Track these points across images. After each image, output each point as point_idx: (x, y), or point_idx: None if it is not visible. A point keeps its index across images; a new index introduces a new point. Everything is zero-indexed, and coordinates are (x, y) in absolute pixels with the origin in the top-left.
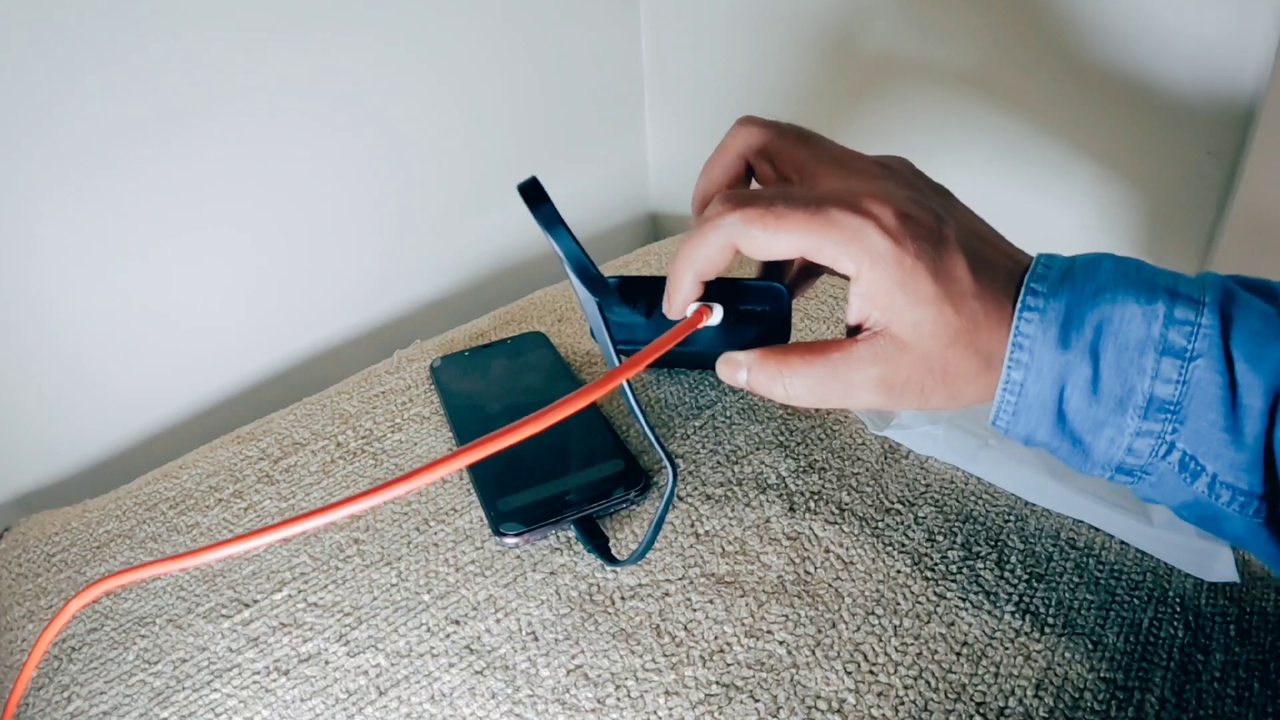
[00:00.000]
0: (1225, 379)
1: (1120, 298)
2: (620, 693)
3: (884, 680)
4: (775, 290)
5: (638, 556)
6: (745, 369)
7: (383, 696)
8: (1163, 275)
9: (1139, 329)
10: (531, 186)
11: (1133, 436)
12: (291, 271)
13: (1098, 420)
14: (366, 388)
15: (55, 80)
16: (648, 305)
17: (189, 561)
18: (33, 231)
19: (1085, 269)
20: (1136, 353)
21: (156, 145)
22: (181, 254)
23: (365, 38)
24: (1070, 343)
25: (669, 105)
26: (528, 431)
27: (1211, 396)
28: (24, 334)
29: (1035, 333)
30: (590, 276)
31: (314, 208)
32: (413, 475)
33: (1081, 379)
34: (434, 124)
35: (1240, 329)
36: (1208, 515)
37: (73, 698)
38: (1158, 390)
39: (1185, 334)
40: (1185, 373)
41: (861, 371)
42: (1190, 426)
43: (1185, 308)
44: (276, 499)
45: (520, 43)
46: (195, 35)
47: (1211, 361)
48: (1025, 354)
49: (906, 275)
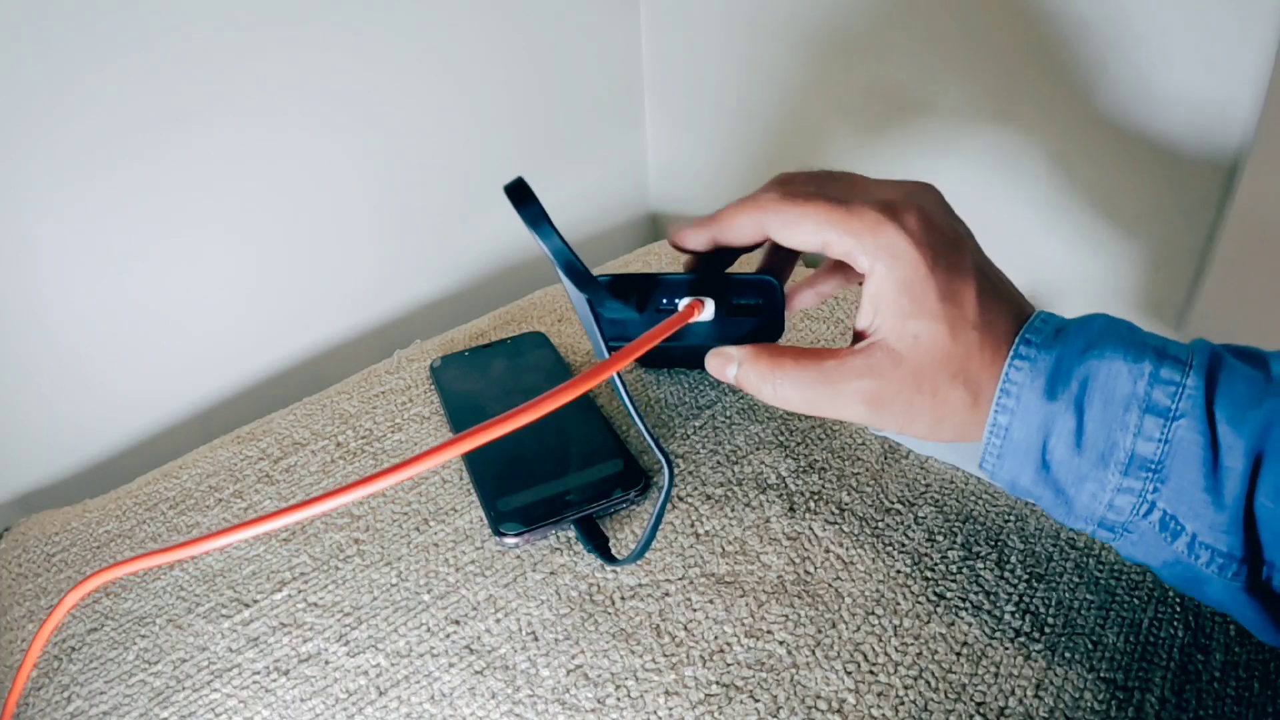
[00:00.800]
0: (1207, 439)
1: (1109, 354)
2: (620, 693)
3: (884, 680)
4: (768, 283)
5: (636, 556)
6: (736, 364)
7: (383, 696)
8: (1153, 337)
9: (1125, 385)
10: (517, 186)
11: (1114, 492)
12: (291, 271)
13: (1080, 473)
14: (366, 388)
15: (55, 80)
16: (639, 302)
17: (189, 550)
18: (33, 231)
19: (1078, 326)
20: (1121, 409)
21: (156, 145)
22: (181, 254)
23: (365, 38)
24: (1056, 395)
25: (669, 105)
26: (521, 420)
27: (1193, 456)
28: (24, 334)
29: (1024, 380)
30: (578, 273)
31: (314, 208)
32: (410, 463)
33: (1066, 430)
34: (434, 124)
35: (1224, 392)
36: (1189, 577)
37: (72, 698)
38: (1140, 448)
39: (1169, 393)
40: (1167, 431)
41: (852, 382)
42: (1171, 486)
43: (1171, 368)
44: (276, 499)
45: (520, 43)
46: (195, 35)
47: (1194, 422)
48: (1012, 400)
49: (918, 281)
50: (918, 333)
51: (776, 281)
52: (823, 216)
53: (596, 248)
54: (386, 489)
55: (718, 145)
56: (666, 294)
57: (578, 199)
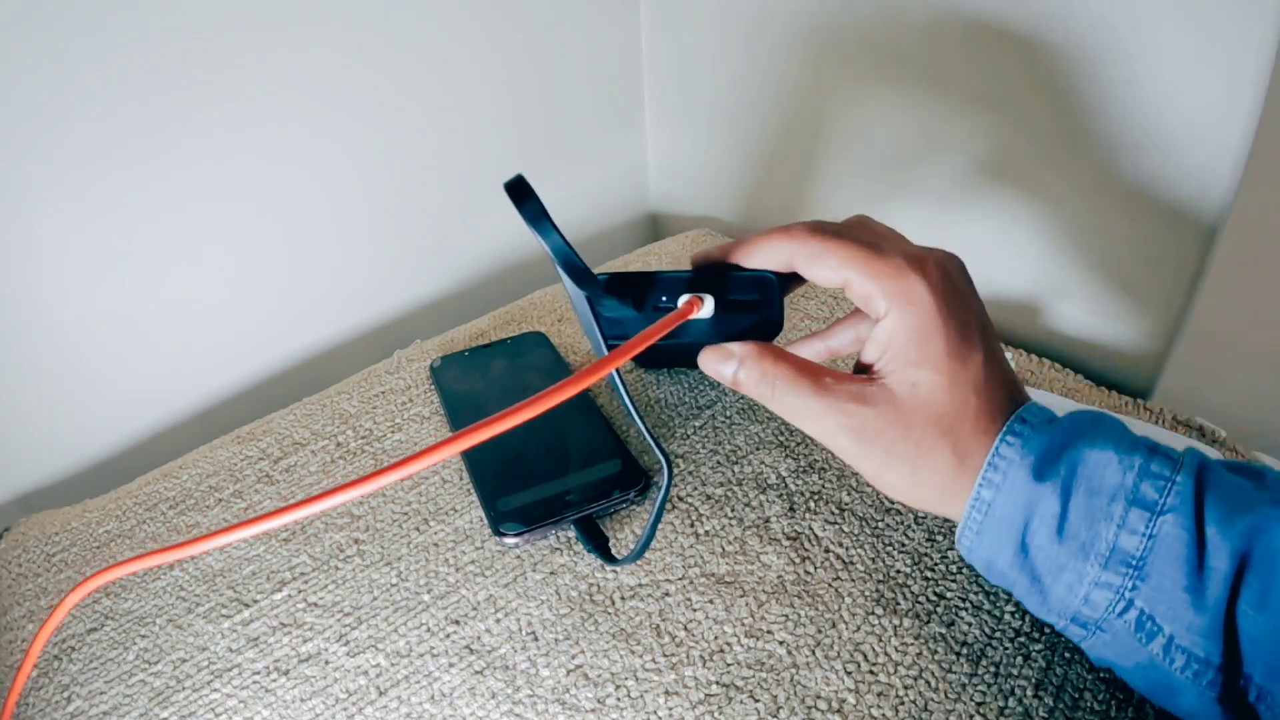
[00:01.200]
0: (1192, 536)
1: (1100, 444)
2: (620, 693)
3: (884, 680)
4: (767, 280)
5: (636, 555)
6: (737, 361)
7: (383, 696)
8: (1146, 439)
9: (1114, 476)
10: (517, 184)
11: (1091, 586)
12: (291, 271)
13: (1059, 563)
14: (366, 388)
15: (55, 80)
16: (638, 300)
17: (189, 550)
18: (33, 231)
19: (1073, 417)
20: (1107, 499)
21: (156, 145)
22: (181, 254)
23: (365, 37)
24: (1045, 478)
25: (669, 105)
26: (521, 418)
27: (1176, 554)
28: (24, 334)
29: (1014, 457)
30: (577, 270)
31: (314, 208)
32: (409, 460)
33: (1049, 514)
34: (434, 124)
35: (1214, 492)
36: (1160, 683)
37: (72, 698)
38: (1122, 540)
39: (1158, 488)
40: (1153, 526)
41: (844, 403)
42: (1151, 584)
43: (1162, 464)
44: (276, 499)
45: (520, 43)
46: (195, 35)
47: (1180, 518)
48: (999, 475)
49: (930, 332)
50: (918, 381)
51: (775, 278)
52: (849, 255)
53: (596, 248)
54: (386, 487)
55: (718, 145)
56: (665, 292)
57: (578, 199)
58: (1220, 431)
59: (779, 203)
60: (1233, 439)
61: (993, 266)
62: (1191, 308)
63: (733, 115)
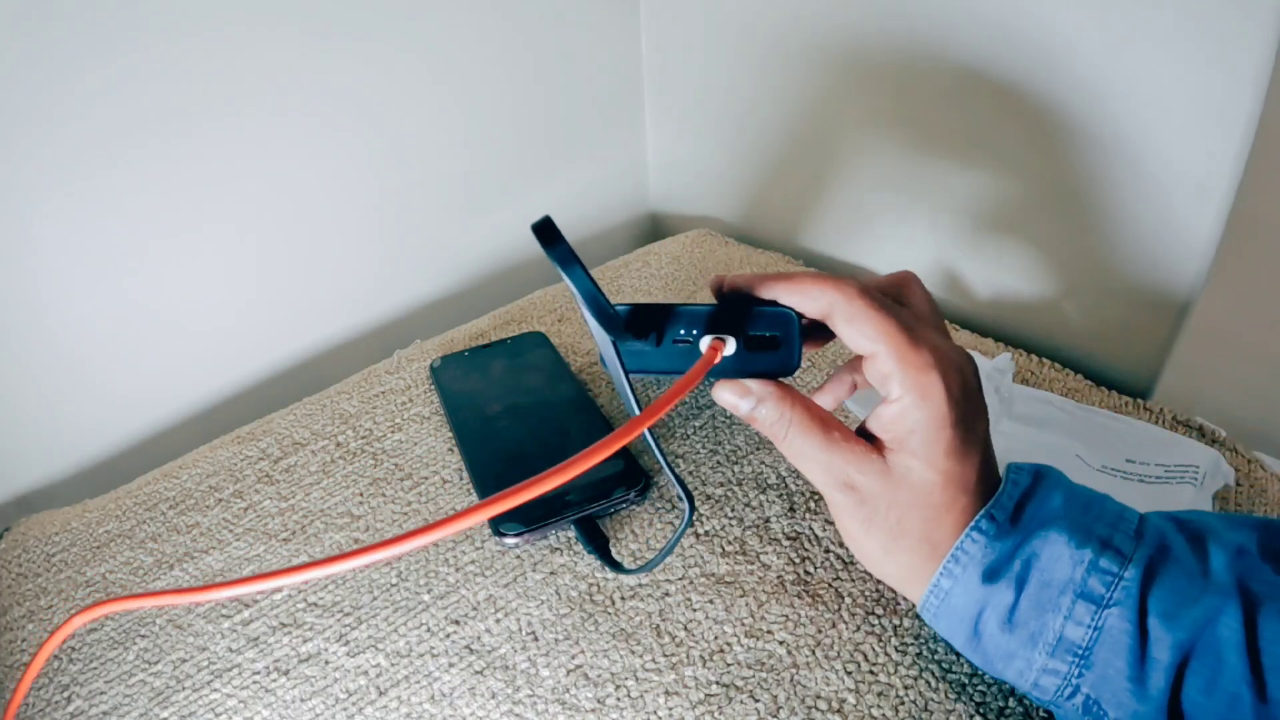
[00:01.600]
0: (1136, 629)
1: (1054, 534)
2: (620, 693)
3: (884, 680)
4: (787, 316)
5: (644, 570)
6: (756, 399)
7: (383, 696)
8: (1103, 522)
9: (1064, 570)
10: (545, 226)
11: (1039, 672)
12: (291, 271)
13: (1008, 650)
14: (366, 388)
15: (55, 80)
16: (658, 334)
17: (199, 596)
18: (33, 231)
19: (1037, 503)
20: (1056, 591)
21: (156, 145)
22: (181, 254)
23: (365, 37)
24: (996, 579)
25: (669, 105)
26: (554, 482)
27: (1120, 645)
28: (24, 334)
29: (975, 553)
30: (608, 316)
31: (314, 208)
32: (435, 526)
33: (1002, 605)
34: (434, 124)
35: (1162, 585)
36: None
37: (73, 698)
38: (1069, 631)
39: (1105, 583)
40: (1098, 619)
41: (847, 460)
42: (1096, 673)
43: (1111, 559)
44: (276, 499)
45: (520, 43)
46: (195, 35)
47: (1125, 611)
48: (960, 568)
49: (936, 430)
50: (913, 469)
51: (796, 315)
52: (886, 331)
53: (596, 248)
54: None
55: (718, 145)
56: (685, 325)
57: (578, 199)
58: (1220, 431)
59: (779, 202)
60: (1233, 439)
61: (993, 266)
62: (1191, 308)
63: (733, 115)
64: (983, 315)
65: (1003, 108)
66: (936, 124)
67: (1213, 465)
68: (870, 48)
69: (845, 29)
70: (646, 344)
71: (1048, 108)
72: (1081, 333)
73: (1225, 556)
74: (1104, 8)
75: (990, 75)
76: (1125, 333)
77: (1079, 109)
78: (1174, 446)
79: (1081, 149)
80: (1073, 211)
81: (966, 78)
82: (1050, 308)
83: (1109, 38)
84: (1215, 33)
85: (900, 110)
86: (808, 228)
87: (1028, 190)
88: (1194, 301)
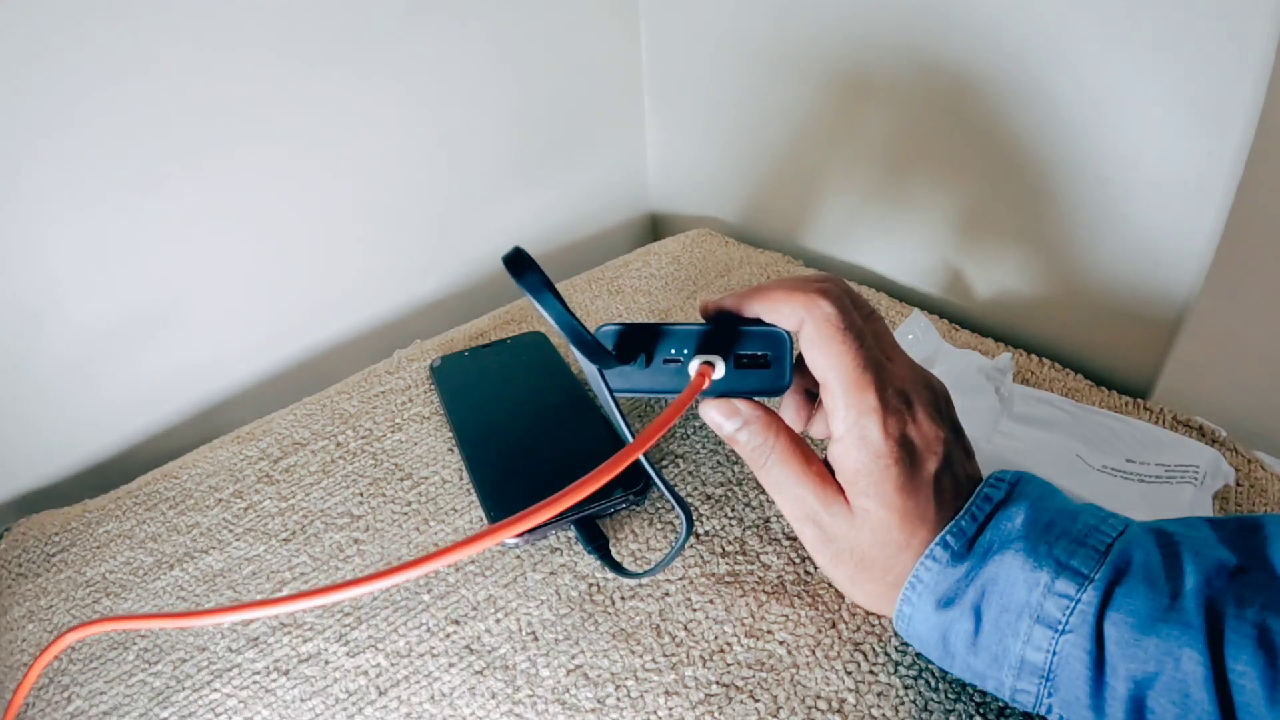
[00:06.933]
0: (1092, 658)
1: (1011, 556)
2: (620, 693)
3: (884, 680)
4: (778, 336)
5: (641, 576)
6: (742, 421)
7: (383, 696)
8: (1067, 539)
9: (1020, 594)
10: (516, 258)
11: (1013, 691)
12: (291, 271)
13: (979, 671)
14: (366, 388)
15: (60, 85)
16: (648, 357)
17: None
18: (34, 232)
19: (997, 524)
20: (1015, 616)
21: (158, 146)
22: (182, 254)
23: (365, 37)
24: (950, 606)
25: (669, 105)
26: (562, 505)
27: (1077, 673)
28: (24, 334)
29: (929, 580)
30: (586, 344)
31: (314, 208)
32: (447, 551)
33: (964, 631)
34: (434, 124)
35: (1121, 608)
36: None
37: (73, 698)
38: (1029, 655)
39: (1062, 607)
40: (1055, 644)
41: (814, 498)
42: (1061, 696)
43: (1069, 580)
44: (276, 499)
45: (521, 44)
46: (194, 36)
47: (1080, 639)
48: (916, 595)
49: (880, 469)
50: (868, 509)
51: (787, 335)
52: (841, 365)
53: (596, 248)
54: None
55: (717, 145)
56: (675, 345)
57: (578, 199)
58: (1220, 431)
59: (779, 202)
60: (1233, 439)
61: (993, 266)
62: (1191, 308)
63: (733, 115)
64: (983, 315)
65: (1002, 107)
66: (936, 124)
67: (1213, 465)
68: (870, 47)
69: (845, 29)
70: (635, 365)
71: (1047, 107)
72: (1081, 333)
73: (1199, 577)
74: (1103, 8)
75: (990, 74)
76: (1125, 332)
77: (1079, 109)
78: (1174, 446)
79: (1081, 149)
80: (1073, 211)
81: (966, 77)
82: (1050, 308)
83: (1108, 38)
84: (1215, 33)
85: (900, 109)
86: (808, 227)
87: (1028, 190)
88: (1194, 301)
